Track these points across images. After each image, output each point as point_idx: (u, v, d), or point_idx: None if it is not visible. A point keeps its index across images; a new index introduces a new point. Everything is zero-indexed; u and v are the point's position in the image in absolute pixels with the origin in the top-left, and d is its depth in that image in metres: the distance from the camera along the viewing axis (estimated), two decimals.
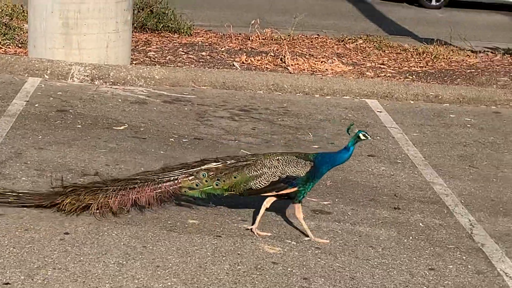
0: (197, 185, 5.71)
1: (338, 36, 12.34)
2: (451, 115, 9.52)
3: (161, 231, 5.69)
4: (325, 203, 6.48)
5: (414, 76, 10.58)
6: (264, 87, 9.79)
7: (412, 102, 9.95)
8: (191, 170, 5.75)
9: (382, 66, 10.98)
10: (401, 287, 5.27)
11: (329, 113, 9.12)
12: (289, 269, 5.36)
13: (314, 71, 10.45)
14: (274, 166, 5.69)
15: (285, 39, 11.62)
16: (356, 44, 11.88)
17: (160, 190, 5.71)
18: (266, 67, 10.46)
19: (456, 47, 12.13)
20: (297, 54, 11.03)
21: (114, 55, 9.69)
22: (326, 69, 10.55)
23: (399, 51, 11.72)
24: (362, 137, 5.73)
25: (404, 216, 6.41)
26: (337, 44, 11.91)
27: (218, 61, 10.53)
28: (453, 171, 7.59)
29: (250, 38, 11.66)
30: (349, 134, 5.75)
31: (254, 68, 10.40)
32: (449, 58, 11.44)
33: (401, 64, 11.09)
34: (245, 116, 8.70)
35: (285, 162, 5.70)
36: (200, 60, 10.51)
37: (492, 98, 10.13)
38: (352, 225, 6.13)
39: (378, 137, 8.38)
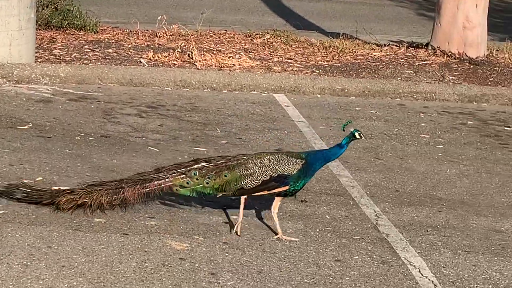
0: (187, 183, 5.79)
1: (245, 31, 12.37)
2: (356, 108, 9.66)
3: (67, 231, 5.62)
4: (233, 197, 6.50)
5: (320, 70, 10.69)
6: (171, 84, 9.76)
7: (319, 96, 10.06)
8: (183, 169, 5.85)
9: (289, 60, 11.06)
10: (308, 279, 5.33)
11: (237, 108, 9.15)
12: (196, 265, 5.36)
13: (221, 67, 10.46)
14: (265, 165, 5.77)
15: (192, 35, 11.60)
16: (264, 39, 11.94)
17: (150, 189, 5.81)
18: (174, 64, 10.43)
19: (362, 40, 12.29)
20: (205, 50, 11.02)
21: (17, 53, 9.52)
22: (234, 65, 10.58)
23: (306, 45, 11.81)
24: (358, 136, 5.86)
25: (311, 209, 6.48)
26: (244, 40, 11.94)
27: (125, 58, 10.45)
28: (359, 163, 7.71)
29: (157, 35, 11.59)
30: (343, 131, 5.86)
31: (161, 64, 10.35)
32: (355, 51, 11.59)
33: (307, 59, 11.19)
34: (153, 113, 8.66)
35: (276, 161, 5.78)
36: (107, 57, 10.41)
37: (397, 91, 10.31)
38: (260, 219, 6.17)
39: (285, 131, 8.45)
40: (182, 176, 5.81)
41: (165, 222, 5.92)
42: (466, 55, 11.37)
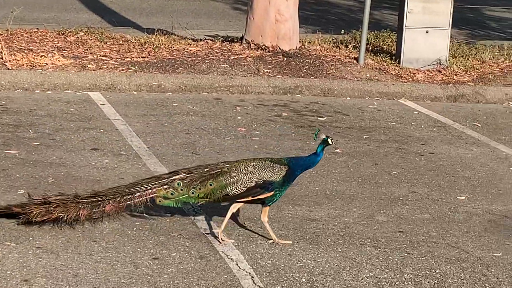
0: (172, 194, 5.81)
1: (58, 29, 12.10)
2: (173, 104, 9.65)
3: None
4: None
5: (136, 67, 10.60)
6: None
7: (135, 93, 9.98)
8: (164, 180, 5.85)
9: (104, 58, 10.90)
10: (125, 280, 5.27)
11: (50, 109, 8.93)
12: (8, 272, 5.19)
13: (33, 66, 10.18)
14: (250, 172, 5.79)
15: (1, 34, 11.22)
16: (78, 37, 11.71)
17: (131, 202, 5.82)
18: None
19: (178, 36, 12.28)
20: (15, 49, 10.69)
21: None
22: (46, 64, 10.31)
23: (121, 42, 11.68)
24: (330, 142, 5.91)
25: (128, 207, 6.40)
26: (57, 38, 11.67)
27: None
28: (176, 159, 7.69)
29: None
30: (315, 140, 5.88)
31: None
32: (171, 47, 11.56)
33: (123, 56, 11.07)
34: None
35: (261, 167, 5.80)
36: None
37: (213, 85, 10.38)
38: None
39: (101, 130, 8.33)
40: (165, 187, 5.81)
41: None
42: (279, 48, 11.58)
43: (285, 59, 11.39)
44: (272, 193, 5.84)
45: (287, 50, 11.58)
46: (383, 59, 11.87)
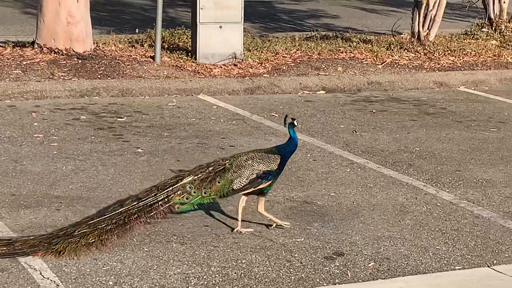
0: (187, 198, 5.95)
1: None
2: None
3: None
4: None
5: None
6: None
7: None
8: (175, 186, 5.94)
9: None
10: None
11: None
12: None
13: None
14: (249, 165, 6.08)
15: None
16: None
17: (154, 213, 5.88)
18: None
19: None
20: None
21: None
22: None
23: None
24: (295, 124, 6.25)
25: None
26: None
27: None
28: None
29: None
30: (285, 126, 6.25)
31: None
32: None
33: None
34: None
35: (258, 159, 6.11)
36: None
37: (6, 92, 10.05)
38: None
39: None
40: (179, 192, 5.93)
41: None
42: (73, 51, 11.36)
43: (80, 61, 11.19)
44: (270, 182, 6.19)
45: (81, 52, 11.38)
46: (180, 56, 11.91)
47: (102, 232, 5.77)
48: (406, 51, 13.25)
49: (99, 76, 10.86)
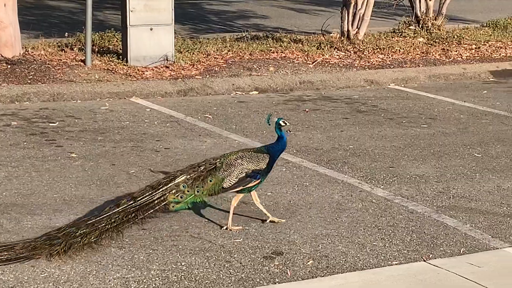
0: (181, 197, 6.07)
1: None
2: None
3: None
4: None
5: None
6: None
7: None
8: (170, 185, 6.05)
9: None
10: None
11: None
12: None
13: None
14: (239, 164, 6.21)
15: None
16: None
17: (151, 211, 6.00)
18: None
19: None
20: None
21: None
22: None
23: None
24: (283, 124, 6.37)
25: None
26: None
27: None
28: None
29: None
30: (269, 124, 6.41)
31: None
32: None
33: None
34: None
35: (247, 158, 6.24)
36: None
37: None
38: None
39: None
40: (173, 191, 6.05)
41: None
42: (2, 56, 11.20)
43: (9, 66, 11.04)
44: (259, 181, 6.31)
45: (10, 58, 11.23)
46: (111, 59, 11.83)
47: (103, 232, 5.87)
48: (336, 50, 13.40)
49: (29, 81, 10.73)
